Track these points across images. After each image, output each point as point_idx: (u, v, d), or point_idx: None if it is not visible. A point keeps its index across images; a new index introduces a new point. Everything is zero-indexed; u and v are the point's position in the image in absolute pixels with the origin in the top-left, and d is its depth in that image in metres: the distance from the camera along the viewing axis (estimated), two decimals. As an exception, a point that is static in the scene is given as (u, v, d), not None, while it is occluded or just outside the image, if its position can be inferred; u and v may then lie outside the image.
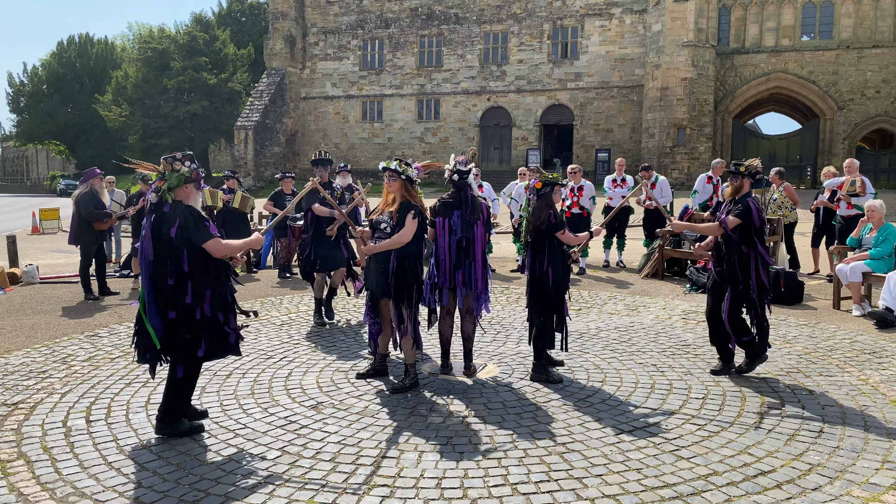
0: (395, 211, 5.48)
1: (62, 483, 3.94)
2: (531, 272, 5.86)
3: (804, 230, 13.06)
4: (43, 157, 76.36)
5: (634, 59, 38.44)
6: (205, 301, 4.47)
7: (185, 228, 4.32)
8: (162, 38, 49.72)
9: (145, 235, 4.37)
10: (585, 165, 35.11)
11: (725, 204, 6.02)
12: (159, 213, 4.37)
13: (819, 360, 6.39)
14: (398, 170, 5.44)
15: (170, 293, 4.38)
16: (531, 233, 5.84)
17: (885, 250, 8.46)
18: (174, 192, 4.39)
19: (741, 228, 5.79)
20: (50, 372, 6.04)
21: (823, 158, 34.04)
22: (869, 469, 4.09)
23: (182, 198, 4.42)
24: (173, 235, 4.30)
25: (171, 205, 4.38)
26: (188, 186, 4.43)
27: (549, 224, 5.74)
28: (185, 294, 4.37)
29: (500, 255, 13.90)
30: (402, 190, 5.49)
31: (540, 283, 5.79)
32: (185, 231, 4.32)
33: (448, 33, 41.89)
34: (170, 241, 4.32)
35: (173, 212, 4.34)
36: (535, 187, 5.91)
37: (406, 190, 5.49)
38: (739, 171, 5.93)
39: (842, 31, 35.46)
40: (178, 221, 4.31)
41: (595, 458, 4.25)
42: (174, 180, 4.39)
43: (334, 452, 4.33)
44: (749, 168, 5.93)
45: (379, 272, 5.51)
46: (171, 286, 4.37)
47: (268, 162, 42.88)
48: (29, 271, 11.15)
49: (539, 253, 5.81)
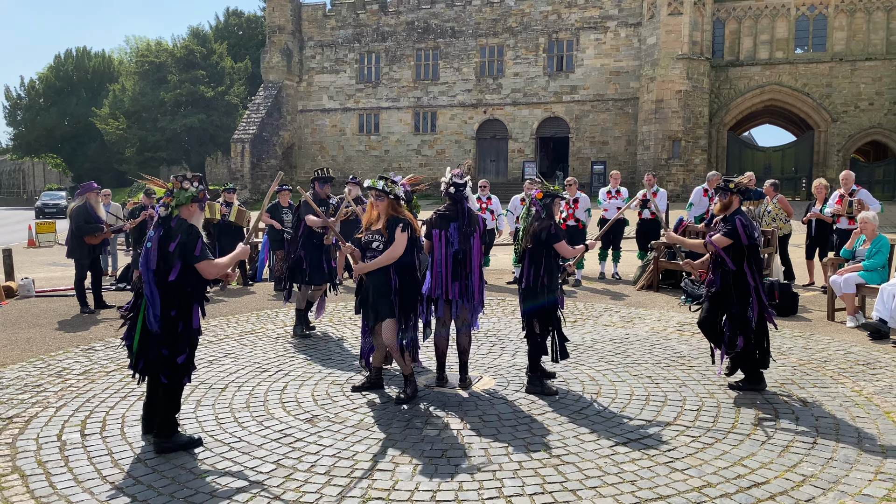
0: (383, 228, 5.46)
1: (57, 497, 3.93)
2: (527, 281, 5.89)
3: (798, 242, 13.12)
4: (40, 171, 76.33)
5: (629, 71, 38.68)
6: (192, 315, 4.64)
7: (184, 245, 4.51)
8: (159, 52, 49.94)
9: (151, 247, 4.56)
10: (581, 178, 35.29)
11: (716, 221, 6.03)
12: (167, 227, 4.58)
13: (813, 372, 6.42)
14: (385, 190, 5.43)
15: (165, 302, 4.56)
16: (530, 241, 5.88)
17: (879, 262, 8.51)
18: (180, 209, 4.62)
19: (732, 248, 5.76)
20: (45, 385, 6.03)
21: (818, 170, 34.22)
22: (862, 480, 4.10)
23: (186, 216, 4.62)
24: (171, 250, 4.50)
25: (177, 220, 4.59)
26: (193, 205, 4.66)
27: (549, 234, 5.79)
28: (170, 307, 4.55)
29: (497, 266, 13.93)
30: (390, 209, 5.48)
31: (534, 293, 5.82)
32: (183, 248, 4.51)
33: (444, 46, 42.12)
34: (169, 255, 4.51)
35: (177, 228, 4.56)
36: (537, 197, 5.96)
37: (393, 208, 5.49)
38: (729, 187, 5.90)
39: (835, 44, 35.75)
40: (180, 238, 4.51)
41: (590, 470, 4.26)
42: (182, 198, 4.61)
43: (329, 466, 4.33)
44: (739, 185, 5.91)
45: (379, 294, 5.48)
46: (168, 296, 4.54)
47: (264, 175, 42.93)
48: (25, 285, 11.15)
49: (535, 263, 5.85)
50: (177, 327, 4.58)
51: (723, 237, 5.76)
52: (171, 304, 4.54)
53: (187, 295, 4.61)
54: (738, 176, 6.16)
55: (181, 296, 4.58)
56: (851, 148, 36.49)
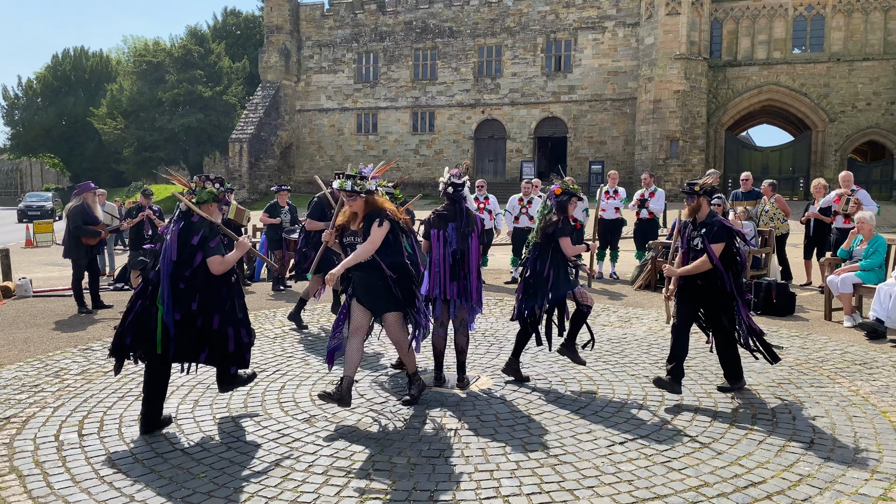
0: (359, 225, 5.28)
1: (54, 497, 3.93)
2: (531, 270, 5.95)
3: (796, 241, 13.14)
4: (37, 170, 76.20)
5: (627, 71, 38.72)
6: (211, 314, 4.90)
7: (205, 238, 4.80)
8: (157, 52, 49.84)
9: (171, 238, 4.83)
10: (579, 177, 35.32)
11: (688, 227, 5.74)
12: (187, 221, 4.85)
13: (810, 371, 6.43)
14: (356, 190, 5.19)
15: (180, 296, 4.80)
16: (538, 234, 5.94)
17: (875, 262, 8.52)
18: (201, 207, 4.91)
19: (724, 252, 5.55)
20: (42, 386, 6.03)
21: (816, 170, 34.28)
22: (859, 480, 4.11)
23: (206, 213, 4.89)
24: (194, 243, 4.79)
25: (199, 217, 4.86)
26: (213, 204, 4.97)
27: (555, 228, 5.82)
28: (191, 300, 4.82)
29: (495, 266, 13.93)
30: (366, 206, 5.24)
31: (535, 278, 5.89)
32: (204, 241, 4.81)
33: (442, 46, 42.13)
34: (191, 248, 4.79)
35: (199, 223, 4.85)
36: (555, 192, 5.99)
37: (369, 204, 5.23)
38: (695, 190, 5.65)
39: (833, 44, 35.81)
40: (202, 232, 4.81)
41: (587, 469, 4.26)
42: (204, 196, 4.94)
43: (327, 465, 4.34)
44: (704, 186, 5.68)
45: (377, 290, 5.20)
46: (182, 289, 4.79)
47: (262, 174, 42.94)
48: (22, 285, 11.14)
49: (542, 256, 5.91)
50: (196, 322, 4.83)
51: (717, 244, 5.50)
52: (188, 297, 4.77)
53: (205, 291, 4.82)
54: (703, 177, 6.00)
55: (197, 289, 4.80)
56: (849, 148, 36.55)
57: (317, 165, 44.47)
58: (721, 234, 5.54)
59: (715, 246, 5.51)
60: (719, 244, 5.52)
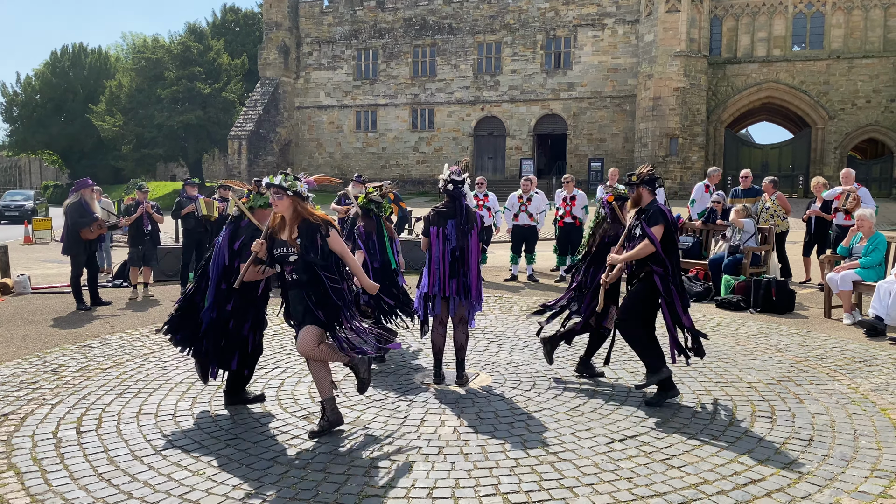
0: (291, 237, 4.63)
1: (52, 495, 3.92)
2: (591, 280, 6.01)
3: (796, 239, 13.14)
4: (36, 167, 76.16)
5: (627, 69, 38.70)
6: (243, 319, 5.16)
7: (245, 245, 4.93)
8: (156, 48, 49.78)
9: (222, 242, 5.02)
10: (579, 175, 35.32)
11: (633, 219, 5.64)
12: (237, 226, 5.04)
13: (810, 369, 6.42)
14: (283, 185, 4.58)
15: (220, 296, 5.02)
16: (595, 244, 6.04)
17: (875, 259, 8.52)
18: (253, 212, 5.02)
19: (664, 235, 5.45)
20: (41, 383, 6.02)
21: (815, 167, 34.28)
22: (858, 477, 4.11)
23: (259, 219, 4.98)
24: (235, 248, 4.98)
25: (247, 223, 5.01)
26: (266, 210, 5.00)
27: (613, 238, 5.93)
28: (227, 302, 5.03)
29: (494, 264, 13.92)
30: (292, 209, 4.64)
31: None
32: (242, 248, 4.95)
33: (442, 43, 42.09)
34: (232, 252, 5.00)
35: (245, 229, 5.01)
36: (608, 200, 6.07)
37: (296, 208, 4.64)
38: (632, 181, 5.62)
39: (832, 42, 35.80)
40: (243, 238, 4.97)
41: (586, 467, 4.26)
42: (259, 202, 5.05)
43: (325, 463, 4.33)
44: (640, 176, 5.62)
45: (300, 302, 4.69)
46: (223, 290, 5.01)
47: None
48: (21, 281, 11.12)
49: (597, 264, 5.97)
50: (228, 323, 5.04)
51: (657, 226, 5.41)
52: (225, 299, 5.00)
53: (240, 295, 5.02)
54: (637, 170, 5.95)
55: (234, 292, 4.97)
56: (849, 145, 36.55)
57: (316, 162, 44.46)
58: (657, 216, 5.44)
59: (654, 228, 5.40)
60: (658, 226, 5.42)
